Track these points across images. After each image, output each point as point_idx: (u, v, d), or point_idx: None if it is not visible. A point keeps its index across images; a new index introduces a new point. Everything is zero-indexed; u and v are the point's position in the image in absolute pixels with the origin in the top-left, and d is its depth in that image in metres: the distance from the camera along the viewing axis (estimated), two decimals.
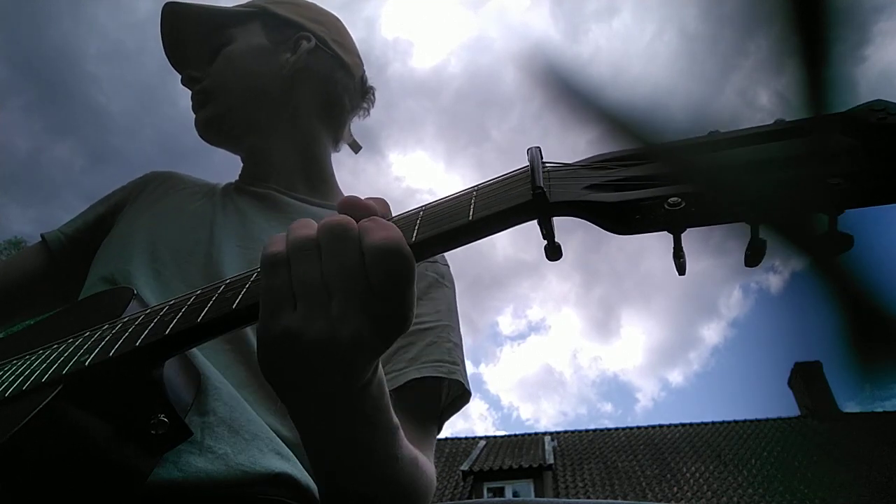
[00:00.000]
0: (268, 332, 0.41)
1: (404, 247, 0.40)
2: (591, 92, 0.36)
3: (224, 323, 0.45)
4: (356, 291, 0.40)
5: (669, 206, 0.34)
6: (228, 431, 0.55)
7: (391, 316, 0.41)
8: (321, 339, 0.40)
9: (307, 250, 0.41)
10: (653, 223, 0.36)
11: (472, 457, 12.15)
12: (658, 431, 13.40)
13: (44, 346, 0.55)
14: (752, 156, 0.34)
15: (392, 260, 0.40)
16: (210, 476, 0.52)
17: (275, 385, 0.45)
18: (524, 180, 0.41)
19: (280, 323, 0.40)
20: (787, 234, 0.32)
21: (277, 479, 0.56)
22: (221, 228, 0.78)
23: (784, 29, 0.26)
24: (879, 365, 0.29)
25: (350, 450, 0.48)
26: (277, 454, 0.58)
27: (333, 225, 0.42)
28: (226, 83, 0.87)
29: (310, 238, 0.42)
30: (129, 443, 0.46)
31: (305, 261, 0.41)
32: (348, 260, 0.40)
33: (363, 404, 0.45)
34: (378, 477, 0.51)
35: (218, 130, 0.89)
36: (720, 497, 9.95)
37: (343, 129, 0.97)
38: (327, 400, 0.44)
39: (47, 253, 0.89)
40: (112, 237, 0.84)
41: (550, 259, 0.40)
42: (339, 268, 0.40)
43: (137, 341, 0.46)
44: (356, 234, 0.41)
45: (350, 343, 0.40)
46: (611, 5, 62.54)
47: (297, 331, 0.40)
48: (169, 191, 0.91)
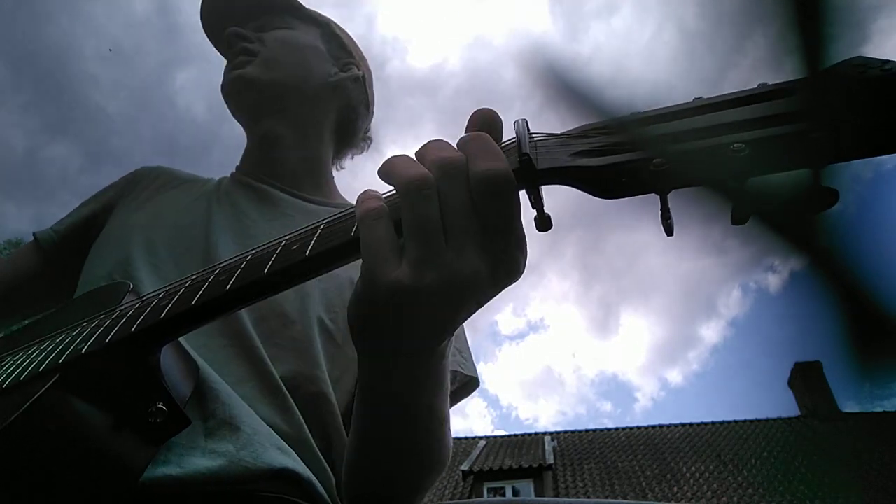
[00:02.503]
0: (375, 288, 0.39)
1: (511, 175, 0.38)
2: (590, 90, 0.36)
3: (218, 304, 0.45)
4: (470, 227, 0.38)
5: (655, 167, 0.34)
6: (229, 430, 0.55)
7: (505, 254, 0.39)
8: (438, 286, 0.38)
9: (427, 189, 0.39)
10: (640, 185, 0.36)
11: (472, 457, 12.16)
12: (658, 431, 13.41)
13: (41, 340, 0.55)
14: (735, 117, 0.34)
15: (502, 190, 0.38)
16: (212, 472, 0.52)
17: (369, 340, 0.44)
18: (511, 150, 0.40)
19: (389, 276, 0.38)
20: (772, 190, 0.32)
21: (280, 475, 0.56)
22: (218, 225, 0.78)
23: (782, 27, 0.26)
24: (879, 365, 0.29)
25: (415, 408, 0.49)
26: (279, 449, 0.58)
27: (447, 159, 0.39)
28: (278, 57, 0.89)
29: (426, 177, 0.39)
30: (128, 431, 0.46)
31: (428, 200, 0.38)
32: (462, 194, 0.38)
33: (443, 357, 0.45)
34: (426, 438, 0.53)
35: (253, 93, 0.88)
36: (720, 497, 9.95)
37: (343, 153, 1.02)
38: (418, 350, 0.43)
39: (40, 252, 0.89)
40: (106, 235, 0.84)
41: (540, 230, 0.39)
42: (457, 204, 0.38)
43: (133, 327, 0.46)
44: (465, 165, 0.39)
45: (468, 286, 0.38)
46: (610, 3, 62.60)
47: (410, 282, 0.38)
48: (161, 187, 0.91)
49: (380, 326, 0.42)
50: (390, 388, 0.48)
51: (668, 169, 0.34)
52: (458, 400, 0.75)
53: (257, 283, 0.44)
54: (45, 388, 0.43)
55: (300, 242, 0.45)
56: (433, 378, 0.48)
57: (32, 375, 0.47)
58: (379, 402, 0.51)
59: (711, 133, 0.34)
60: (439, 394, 0.51)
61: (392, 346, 0.44)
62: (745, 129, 0.33)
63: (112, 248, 0.78)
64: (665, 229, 0.36)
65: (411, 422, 0.51)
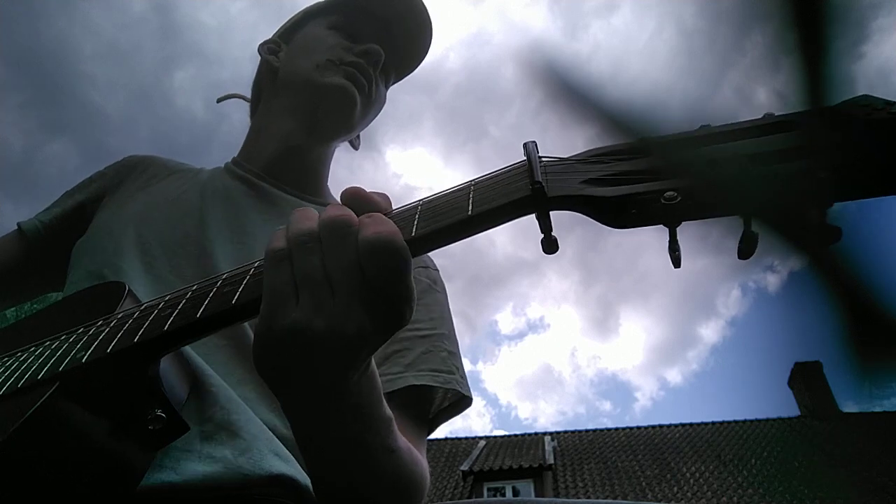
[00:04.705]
0: (271, 327, 0.41)
1: (398, 241, 0.40)
2: (590, 89, 0.36)
3: (223, 318, 0.45)
4: (356, 286, 0.40)
5: (665, 201, 0.34)
6: (227, 435, 0.55)
7: (389, 310, 0.41)
8: (326, 332, 0.40)
9: (308, 244, 0.41)
10: (649, 217, 0.36)
11: (472, 457, 12.15)
12: (658, 431, 13.40)
13: (37, 343, 0.55)
14: (743, 150, 0.34)
15: (384, 255, 0.39)
16: (209, 479, 0.51)
17: (272, 380, 0.45)
18: (522, 175, 0.41)
19: (284, 317, 0.40)
20: (779, 226, 0.32)
21: (277, 481, 0.56)
22: (212, 219, 0.77)
23: (781, 26, 0.26)
24: (879, 365, 0.29)
25: (345, 442, 0.48)
26: (276, 455, 0.58)
27: (334, 219, 0.41)
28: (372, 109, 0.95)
29: (311, 231, 0.42)
30: (127, 438, 0.46)
31: (307, 254, 0.41)
32: (347, 255, 0.40)
33: (359, 396, 0.45)
34: (373, 469, 0.51)
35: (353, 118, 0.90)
36: (720, 497, 9.94)
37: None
38: (325, 393, 0.44)
39: (24, 242, 0.87)
40: (96, 228, 0.82)
41: (547, 252, 0.40)
42: (339, 262, 0.40)
43: (135, 338, 0.46)
44: (356, 229, 0.41)
45: (355, 336, 0.40)
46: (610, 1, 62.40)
47: (302, 325, 0.40)
48: (152, 178, 0.90)
49: (280, 363, 0.43)
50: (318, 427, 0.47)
51: (680, 203, 0.34)
52: (449, 416, 0.74)
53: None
54: (45, 398, 0.43)
55: None
56: (365, 418, 0.48)
57: (31, 383, 0.47)
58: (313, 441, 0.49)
59: (722, 166, 0.34)
60: (380, 431, 0.50)
61: (300, 387, 0.44)
62: (755, 164, 0.33)
63: (103, 242, 0.76)
64: (672, 261, 0.36)
65: (344, 455, 0.49)
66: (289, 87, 0.90)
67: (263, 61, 0.97)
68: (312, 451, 0.50)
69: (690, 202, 0.34)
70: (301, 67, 0.89)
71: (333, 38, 0.91)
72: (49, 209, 0.90)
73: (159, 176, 0.90)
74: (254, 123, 0.97)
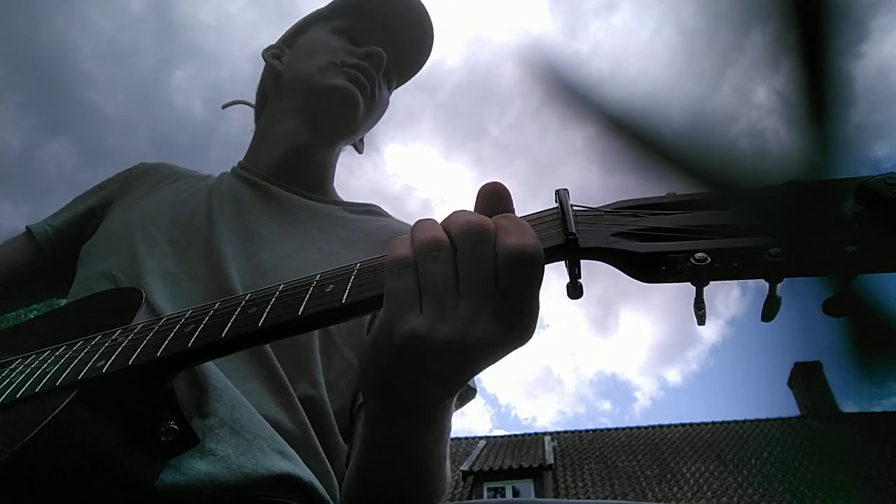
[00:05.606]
0: (391, 334, 0.40)
1: (541, 253, 0.39)
2: (589, 89, 0.35)
3: (247, 339, 0.46)
4: (489, 294, 0.39)
5: (696, 262, 0.35)
6: (230, 433, 0.55)
7: (518, 322, 0.41)
8: (448, 339, 0.39)
9: (434, 252, 0.41)
10: (677, 275, 0.37)
11: (472, 457, 12.15)
12: (658, 431, 13.40)
13: (53, 346, 0.55)
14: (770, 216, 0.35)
15: (528, 266, 0.39)
16: (212, 479, 0.51)
17: (380, 392, 0.45)
18: (554, 223, 0.42)
19: (407, 323, 0.40)
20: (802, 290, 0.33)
21: (280, 480, 0.56)
22: (220, 218, 0.78)
23: (781, 25, 0.26)
24: (879, 365, 0.29)
25: (415, 448, 0.50)
26: (280, 454, 0.57)
27: (473, 224, 0.41)
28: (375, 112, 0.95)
29: (437, 239, 0.41)
30: (138, 449, 0.46)
31: (433, 262, 0.41)
32: (484, 261, 0.40)
33: (446, 409, 0.47)
34: (424, 475, 0.54)
35: (356, 120, 0.90)
36: (720, 497, 9.95)
37: None
38: (424, 404, 0.45)
39: (34, 246, 0.87)
40: (105, 231, 0.83)
41: (571, 297, 0.41)
42: (474, 269, 0.40)
43: (158, 352, 0.46)
44: (493, 235, 0.40)
45: (477, 344, 0.39)
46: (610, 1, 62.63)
47: (423, 331, 0.39)
48: (160, 182, 0.91)
49: (394, 377, 0.43)
50: (394, 434, 0.49)
51: (709, 265, 0.35)
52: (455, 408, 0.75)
53: (290, 324, 0.44)
54: (64, 404, 0.43)
55: (335, 284, 0.46)
56: (435, 428, 0.49)
57: (49, 388, 0.47)
58: (381, 443, 0.52)
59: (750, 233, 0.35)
60: (441, 439, 0.53)
61: (404, 400, 0.45)
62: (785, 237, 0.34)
63: (112, 242, 0.77)
64: (697, 318, 0.37)
65: (410, 462, 0.52)
66: (292, 89, 0.91)
67: (267, 66, 0.97)
68: (375, 453, 0.52)
69: (719, 264, 0.35)
70: (304, 70, 0.90)
71: (336, 41, 0.92)
72: (58, 214, 0.91)
73: (168, 180, 0.91)
74: (259, 127, 0.98)
